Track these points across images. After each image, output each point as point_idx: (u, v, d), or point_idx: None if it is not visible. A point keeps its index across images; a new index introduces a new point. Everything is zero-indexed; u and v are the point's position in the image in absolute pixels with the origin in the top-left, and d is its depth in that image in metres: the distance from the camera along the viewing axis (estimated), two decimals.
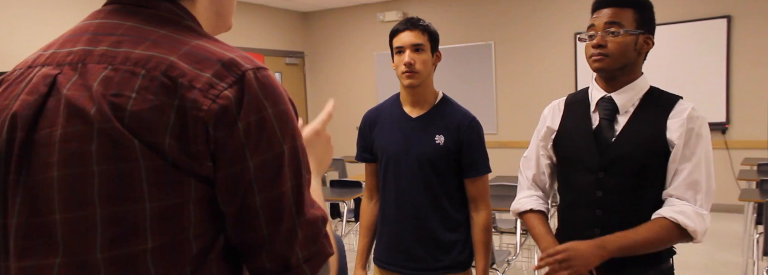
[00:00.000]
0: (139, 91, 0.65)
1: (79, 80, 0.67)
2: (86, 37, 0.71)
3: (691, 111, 1.44)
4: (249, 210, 0.69)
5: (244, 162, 0.67)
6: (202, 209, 0.67)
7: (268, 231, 0.70)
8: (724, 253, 4.38)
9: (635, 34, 1.43)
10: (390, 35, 1.82)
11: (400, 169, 1.82)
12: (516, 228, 3.62)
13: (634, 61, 1.47)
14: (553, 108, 1.66)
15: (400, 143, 1.82)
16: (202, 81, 0.66)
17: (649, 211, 1.45)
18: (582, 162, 1.52)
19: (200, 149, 0.65)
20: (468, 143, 1.80)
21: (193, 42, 0.70)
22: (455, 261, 1.84)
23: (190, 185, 0.65)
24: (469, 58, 6.90)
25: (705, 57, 5.68)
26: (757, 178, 4.04)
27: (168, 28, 0.72)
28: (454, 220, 1.84)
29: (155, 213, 0.64)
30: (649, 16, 1.45)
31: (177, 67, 0.66)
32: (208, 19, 0.81)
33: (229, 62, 0.69)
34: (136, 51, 0.68)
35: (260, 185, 0.68)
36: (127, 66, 0.67)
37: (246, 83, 0.68)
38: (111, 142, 0.64)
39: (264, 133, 0.68)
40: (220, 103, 0.65)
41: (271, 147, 0.68)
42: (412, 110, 1.85)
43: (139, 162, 0.63)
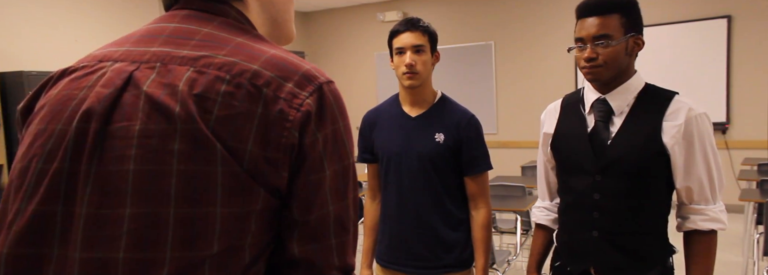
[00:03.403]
0: (225, 96, 0.65)
1: (159, 78, 0.67)
2: (163, 39, 0.72)
3: (689, 112, 1.42)
4: (323, 219, 0.71)
5: (322, 171, 0.69)
6: (262, 220, 0.68)
7: (335, 241, 0.72)
8: (724, 253, 4.38)
9: (624, 40, 1.41)
10: (390, 36, 1.82)
11: (402, 168, 1.83)
12: (516, 228, 3.62)
13: (626, 65, 1.46)
14: (548, 112, 1.68)
15: (401, 142, 1.83)
16: (285, 91, 0.67)
17: (646, 213, 1.47)
18: (578, 165, 1.53)
19: (280, 157, 0.66)
20: (468, 141, 1.81)
21: (271, 51, 0.72)
22: (458, 260, 1.85)
23: (259, 194, 0.66)
24: (469, 58, 6.90)
25: (705, 57, 5.68)
26: (758, 178, 4.04)
27: (242, 36, 0.73)
28: (455, 218, 1.85)
29: (225, 218, 0.65)
30: (635, 16, 1.43)
31: (261, 75, 0.67)
32: (262, 26, 0.82)
33: (308, 73, 0.70)
34: (219, 56, 0.69)
35: (333, 195, 0.71)
36: (211, 70, 0.67)
37: (324, 94, 0.70)
38: (194, 143, 0.64)
39: (337, 144, 0.71)
40: (303, 111, 0.67)
41: (340, 159, 0.71)
42: (411, 109, 1.86)
43: (218, 167, 0.64)
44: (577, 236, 1.54)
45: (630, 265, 1.48)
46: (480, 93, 6.85)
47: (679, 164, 1.44)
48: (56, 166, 0.66)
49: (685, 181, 1.45)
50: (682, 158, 1.43)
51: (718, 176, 1.46)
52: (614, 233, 1.48)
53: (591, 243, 1.51)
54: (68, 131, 0.67)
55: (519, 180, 4.26)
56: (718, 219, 1.45)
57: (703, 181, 1.45)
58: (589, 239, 1.51)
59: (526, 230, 3.80)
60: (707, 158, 1.44)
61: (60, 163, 0.66)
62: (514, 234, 3.70)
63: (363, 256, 2.00)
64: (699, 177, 1.44)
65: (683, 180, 1.45)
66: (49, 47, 5.08)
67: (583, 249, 1.54)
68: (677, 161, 1.44)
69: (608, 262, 1.49)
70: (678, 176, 1.46)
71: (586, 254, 1.54)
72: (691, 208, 1.48)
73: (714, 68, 5.65)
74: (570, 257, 1.58)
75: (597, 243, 1.50)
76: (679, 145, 1.42)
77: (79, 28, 5.30)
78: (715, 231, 1.47)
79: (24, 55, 4.93)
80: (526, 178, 4.55)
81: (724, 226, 1.46)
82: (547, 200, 1.73)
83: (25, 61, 4.91)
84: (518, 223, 3.59)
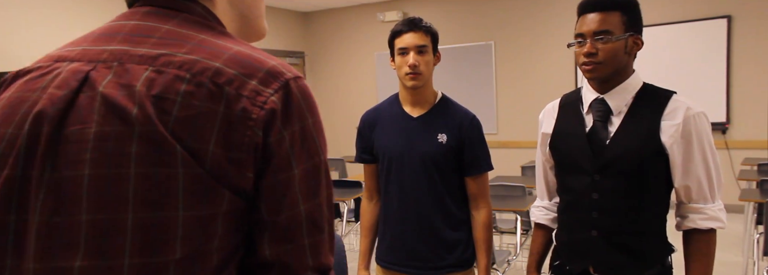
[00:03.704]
0: (185, 95, 0.63)
1: (116, 79, 0.65)
2: (122, 37, 0.70)
3: (687, 111, 1.43)
4: (294, 219, 0.69)
5: (291, 170, 0.67)
6: (229, 222, 0.66)
7: (308, 241, 0.70)
8: (724, 253, 4.38)
9: (624, 37, 1.42)
10: (391, 36, 1.81)
11: (404, 169, 1.83)
12: (516, 228, 3.62)
13: (625, 64, 1.46)
14: (546, 112, 1.68)
15: (403, 142, 1.83)
16: (248, 89, 0.65)
17: (645, 212, 1.48)
18: (577, 165, 1.53)
19: (244, 157, 0.64)
20: (470, 141, 1.82)
21: (235, 48, 0.69)
22: (459, 260, 1.85)
23: (224, 196, 0.64)
24: (469, 58, 6.90)
25: (705, 57, 5.68)
26: (758, 178, 4.04)
27: (206, 33, 0.71)
28: (457, 218, 1.85)
29: (187, 222, 0.63)
30: (636, 15, 1.44)
31: (223, 73, 0.65)
32: (231, 22, 0.79)
33: (273, 70, 0.68)
34: (179, 54, 0.67)
35: (304, 194, 0.69)
36: (171, 69, 0.65)
37: (290, 90, 0.68)
38: (152, 145, 0.62)
39: (306, 142, 0.69)
40: (267, 108, 0.65)
41: (310, 157, 0.69)
42: (412, 109, 1.86)
43: (179, 169, 0.62)
44: (577, 235, 1.55)
45: (629, 264, 1.48)
46: (480, 93, 6.85)
47: (677, 163, 1.45)
48: (7, 173, 0.64)
49: (684, 180, 1.46)
50: (680, 157, 1.44)
51: (716, 175, 1.47)
52: (613, 232, 1.49)
53: (590, 242, 1.52)
54: (20, 136, 0.64)
55: (519, 180, 4.26)
56: (717, 217, 1.46)
57: (701, 180, 1.45)
58: (589, 238, 1.52)
59: (526, 230, 3.80)
60: (706, 157, 1.45)
61: (11, 169, 0.64)
62: (514, 234, 3.70)
63: (360, 257, 1.99)
64: (697, 176, 1.45)
65: (682, 179, 1.46)
66: (49, 47, 5.09)
67: (582, 248, 1.55)
68: (676, 160, 1.44)
69: (607, 261, 1.50)
70: (677, 175, 1.46)
71: (585, 253, 1.54)
72: (690, 207, 1.48)
73: (714, 68, 5.65)
74: (569, 256, 1.59)
75: (596, 242, 1.51)
76: (677, 144, 1.43)
77: (78, 28, 5.31)
78: (714, 230, 1.47)
79: (24, 55, 4.93)
80: (526, 178, 4.56)
81: (723, 225, 1.47)
82: (546, 199, 1.74)
83: (24, 61, 4.91)
84: (518, 223, 3.59)
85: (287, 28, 7.80)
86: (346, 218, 4.36)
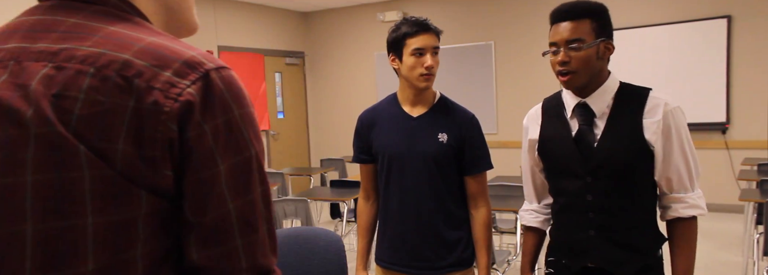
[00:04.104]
0: (88, 92, 0.58)
1: (11, 78, 0.60)
2: (21, 34, 0.64)
3: (665, 107, 1.48)
4: (222, 219, 0.63)
5: (215, 167, 0.62)
6: (152, 225, 0.61)
7: (241, 242, 0.65)
8: (724, 253, 4.38)
9: (596, 44, 1.46)
10: (402, 36, 1.76)
11: (405, 169, 1.82)
12: (516, 228, 3.62)
13: (599, 69, 1.50)
14: (530, 118, 1.71)
15: (404, 142, 1.83)
16: (161, 81, 0.60)
17: (638, 208, 1.53)
18: (568, 168, 1.57)
19: (158, 155, 0.60)
20: (470, 140, 1.82)
21: (149, 39, 0.64)
22: (459, 259, 1.85)
23: (140, 198, 0.59)
24: (469, 58, 6.90)
25: (705, 57, 5.68)
26: (757, 178, 4.04)
27: (118, 24, 0.65)
28: (457, 218, 1.85)
29: (99, 229, 0.58)
30: (605, 21, 1.48)
31: (132, 65, 0.60)
32: (156, 15, 0.73)
33: (191, 60, 0.63)
34: (83, 48, 0.61)
35: (232, 192, 0.64)
36: (73, 64, 0.60)
37: (210, 81, 0.63)
38: (51, 148, 0.57)
39: (232, 136, 0.63)
40: (182, 100, 0.60)
41: (239, 151, 0.64)
42: (412, 109, 1.86)
43: (84, 172, 0.57)
44: (575, 236, 1.59)
45: (627, 258, 1.53)
46: (480, 93, 6.85)
47: (659, 157, 1.51)
48: None
49: (665, 172, 1.52)
50: (661, 151, 1.50)
51: (694, 165, 1.53)
52: (611, 230, 1.54)
53: (589, 241, 1.56)
54: None
55: (519, 180, 4.25)
56: (697, 205, 1.52)
57: (681, 171, 1.51)
58: (587, 238, 1.56)
59: None
60: (684, 149, 1.51)
61: None
62: (514, 234, 3.70)
63: (358, 258, 1.99)
64: (678, 168, 1.51)
65: (663, 172, 1.52)
66: None
67: (581, 247, 1.58)
68: (657, 155, 1.50)
69: (606, 257, 1.55)
70: (657, 168, 1.52)
71: (585, 252, 1.58)
72: (672, 197, 1.54)
73: (714, 68, 5.65)
74: (569, 255, 1.62)
75: (595, 241, 1.56)
76: (659, 139, 1.49)
77: None
78: (696, 217, 1.53)
79: None
80: None
81: (704, 211, 1.53)
82: (535, 202, 1.77)
83: None
84: (518, 223, 3.59)
85: (287, 28, 7.80)
86: (346, 218, 4.36)
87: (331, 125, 8.06)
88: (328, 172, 6.01)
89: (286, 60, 7.78)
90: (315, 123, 8.21)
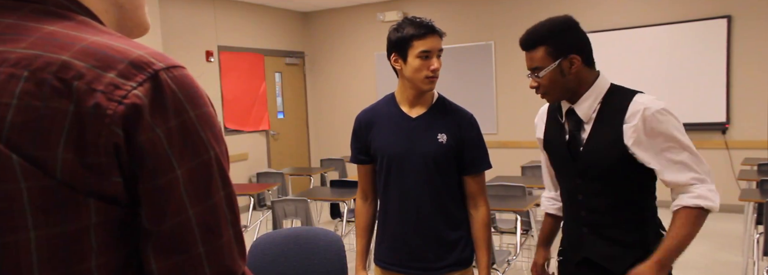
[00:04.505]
0: (22, 97, 0.54)
1: None
2: None
3: (644, 112, 1.49)
4: (182, 227, 0.60)
5: (171, 172, 0.59)
6: (106, 234, 0.57)
7: (204, 249, 0.61)
8: (724, 253, 4.38)
9: (554, 66, 1.53)
10: (408, 37, 1.74)
11: (404, 169, 1.82)
12: (516, 228, 3.62)
13: (574, 81, 1.56)
14: (539, 117, 1.81)
15: (403, 143, 1.82)
16: (104, 82, 0.56)
17: (629, 208, 1.58)
18: (563, 169, 1.68)
19: (104, 161, 0.56)
20: (469, 140, 1.83)
21: (92, 38, 0.60)
22: (459, 259, 1.85)
23: (89, 207, 0.56)
24: (469, 58, 6.90)
25: (705, 57, 5.68)
26: (757, 178, 4.04)
27: (58, 23, 0.61)
28: (456, 218, 1.86)
29: (43, 243, 0.54)
30: (561, 42, 1.53)
31: (71, 67, 0.56)
32: (106, 13, 0.68)
33: (138, 60, 0.59)
34: (17, 50, 0.57)
35: (192, 197, 0.60)
36: (4, 68, 0.56)
37: (160, 82, 0.59)
38: None
39: (188, 138, 0.60)
40: (127, 103, 0.56)
41: (197, 154, 0.61)
42: (411, 110, 1.85)
43: (20, 183, 0.54)
44: (572, 231, 1.69)
45: (620, 254, 1.59)
46: (480, 93, 6.85)
47: (650, 160, 1.51)
48: None
49: (663, 174, 1.51)
50: (648, 154, 1.51)
51: (694, 159, 1.50)
52: (601, 227, 1.61)
53: (583, 237, 1.65)
54: None
55: (519, 180, 4.26)
56: (704, 196, 1.48)
57: (680, 168, 1.50)
58: (582, 234, 1.65)
59: (526, 230, 3.80)
60: (671, 149, 1.49)
61: None
62: (514, 234, 3.70)
63: (357, 258, 1.99)
64: (668, 168, 1.50)
65: (661, 174, 1.52)
66: None
67: (578, 242, 1.67)
68: (645, 158, 1.51)
69: (599, 253, 1.63)
70: (656, 171, 1.52)
71: (580, 247, 1.66)
72: (680, 189, 1.53)
73: (714, 68, 5.65)
74: (569, 249, 1.73)
75: (588, 237, 1.64)
76: (642, 144, 1.50)
77: None
78: (702, 208, 1.48)
79: None
80: (526, 178, 4.56)
81: (711, 203, 1.48)
82: (553, 191, 1.88)
83: None
84: (518, 223, 3.59)
85: (287, 28, 7.80)
86: (346, 218, 4.36)
87: (331, 125, 8.06)
88: (328, 172, 6.01)
89: (286, 60, 7.78)
90: (315, 123, 8.21)
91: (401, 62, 1.78)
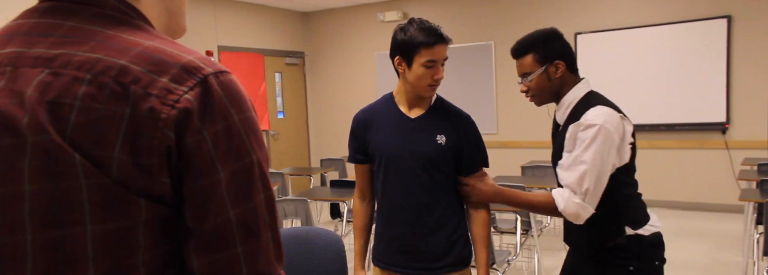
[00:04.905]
0: (84, 98, 0.58)
1: (10, 85, 0.59)
2: (18, 39, 0.63)
3: (583, 120, 1.61)
4: (223, 226, 0.62)
5: (215, 174, 0.61)
6: (153, 231, 0.60)
7: (242, 249, 0.64)
8: (724, 253, 4.38)
9: (541, 71, 1.70)
10: (417, 44, 1.71)
11: (403, 170, 1.83)
12: (516, 228, 3.61)
13: (558, 85, 1.72)
14: None
15: (402, 143, 1.83)
16: (158, 87, 0.59)
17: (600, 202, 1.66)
18: None
19: (155, 163, 0.59)
20: (468, 142, 1.84)
21: (147, 43, 0.63)
22: (458, 258, 1.86)
23: (139, 205, 0.59)
24: (469, 58, 6.90)
25: (705, 57, 5.68)
26: (757, 178, 4.04)
27: (116, 28, 0.64)
28: (455, 218, 1.86)
29: (99, 237, 0.58)
30: (547, 49, 1.69)
31: (129, 71, 0.59)
32: (158, 17, 0.73)
33: (189, 65, 0.62)
34: (80, 53, 0.60)
35: (233, 198, 0.63)
36: (69, 70, 0.59)
37: (209, 87, 0.62)
38: (47, 157, 0.56)
39: (232, 142, 0.62)
40: (179, 107, 0.59)
41: (240, 157, 0.63)
42: (410, 110, 1.86)
43: (80, 180, 0.56)
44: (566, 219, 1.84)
45: (585, 242, 1.76)
46: (480, 93, 6.85)
47: (562, 156, 1.68)
48: None
49: (566, 171, 1.66)
50: (566, 153, 1.66)
51: (589, 180, 1.60)
52: None
53: (565, 224, 1.85)
54: None
55: (519, 180, 4.26)
56: (566, 199, 1.63)
57: (575, 174, 1.62)
58: (565, 221, 1.81)
59: (526, 230, 3.80)
60: (582, 158, 1.60)
61: None
62: (514, 234, 3.70)
63: (356, 257, 2.00)
64: (572, 170, 1.63)
65: (560, 167, 1.70)
66: None
67: (566, 228, 1.87)
68: (564, 154, 1.68)
69: (570, 239, 1.84)
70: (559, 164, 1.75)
71: (566, 232, 1.87)
72: (564, 187, 1.67)
73: (714, 68, 5.65)
74: None
75: (567, 225, 1.83)
76: (569, 145, 1.65)
77: None
78: (556, 206, 1.65)
79: None
80: (526, 178, 4.55)
81: (562, 208, 1.63)
82: None
83: None
84: (518, 223, 3.59)
85: (287, 28, 7.80)
86: (346, 218, 4.36)
87: (331, 125, 8.06)
88: (328, 172, 6.01)
89: (286, 60, 7.78)
90: (315, 123, 8.21)
91: (405, 66, 1.77)
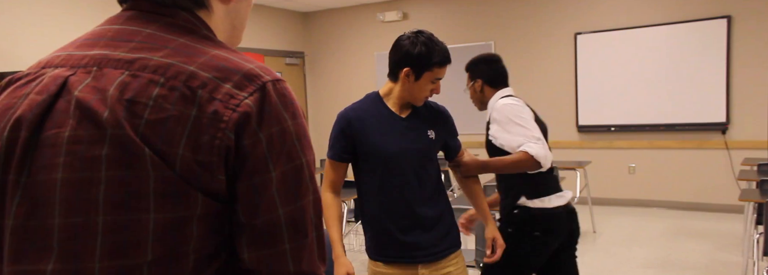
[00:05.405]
0: (157, 99, 0.64)
1: (93, 82, 0.66)
2: (104, 42, 0.71)
3: (493, 107, 2.25)
4: (272, 223, 0.68)
5: (267, 173, 0.67)
6: (205, 224, 0.66)
7: (290, 246, 0.69)
8: (724, 253, 4.38)
9: (471, 84, 2.42)
10: (431, 63, 1.87)
11: (401, 167, 1.91)
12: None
13: (482, 95, 2.40)
14: None
15: (399, 142, 1.92)
16: (222, 92, 0.66)
17: (502, 177, 2.33)
18: None
19: (214, 161, 0.65)
20: (450, 132, 2.07)
21: (213, 51, 0.70)
22: (453, 242, 2.02)
23: (197, 199, 0.64)
24: (468, 58, 6.86)
25: (705, 57, 5.68)
26: (757, 178, 4.04)
27: (187, 36, 0.72)
28: (445, 204, 2.03)
29: (159, 224, 0.63)
30: (474, 69, 2.41)
31: (198, 77, 0.66)
32: (223, 32, 0.81)
33: (250, 73, 0.69)
34: (155, 58, 0.67)
35: (283, 197, 0.68)
36: (146, 73, 0.66)
37: (267, 93, 0.68)
38: (122, 148, 0.63)
39: (285, 145, 0.68)
40: (240, 111, 0.65)
41: (291, 159, 0.69)
42: (400, 110, 1.97)
43: (149, 172, 0.62)
44: None
45: (502, 206, 2.36)
46: None
47: (494, 135, 2.26)
48: None
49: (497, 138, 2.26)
50: (495, 130, 2.25)
51: (519, 126, 2.19)
52: (497, 188, 2.42)
53: None
54: (0, 142, 0.66)
55: None
56: (534, 148, 2.15)
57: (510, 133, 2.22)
58: None
59: None
60: (504, 124, 2.22)
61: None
62: None
63: (336, 246, 1.98)
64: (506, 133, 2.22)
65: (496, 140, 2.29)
66: (52, 47, 5.09)
67: None
68: (494, 135, 2.26)
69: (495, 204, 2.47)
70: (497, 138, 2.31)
71: None
72: None
73: (714, 68, 5.65)
74: None
75: None
76: (493, 128, 2.28)
77: (82, 28, 5.31)
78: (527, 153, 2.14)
79: (27, 56, 4.93)
80: None
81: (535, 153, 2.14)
82: None
83: (28, 62, 4.91)
84: None
85: (287, 28, 7.80)
86: (346, 218, 4.35)
87: (331, 125, 8.05)
88: None
89: (286, 60, 7.78)
90: (315, 123, 8.21)
91: (412, 78, 1.89)
